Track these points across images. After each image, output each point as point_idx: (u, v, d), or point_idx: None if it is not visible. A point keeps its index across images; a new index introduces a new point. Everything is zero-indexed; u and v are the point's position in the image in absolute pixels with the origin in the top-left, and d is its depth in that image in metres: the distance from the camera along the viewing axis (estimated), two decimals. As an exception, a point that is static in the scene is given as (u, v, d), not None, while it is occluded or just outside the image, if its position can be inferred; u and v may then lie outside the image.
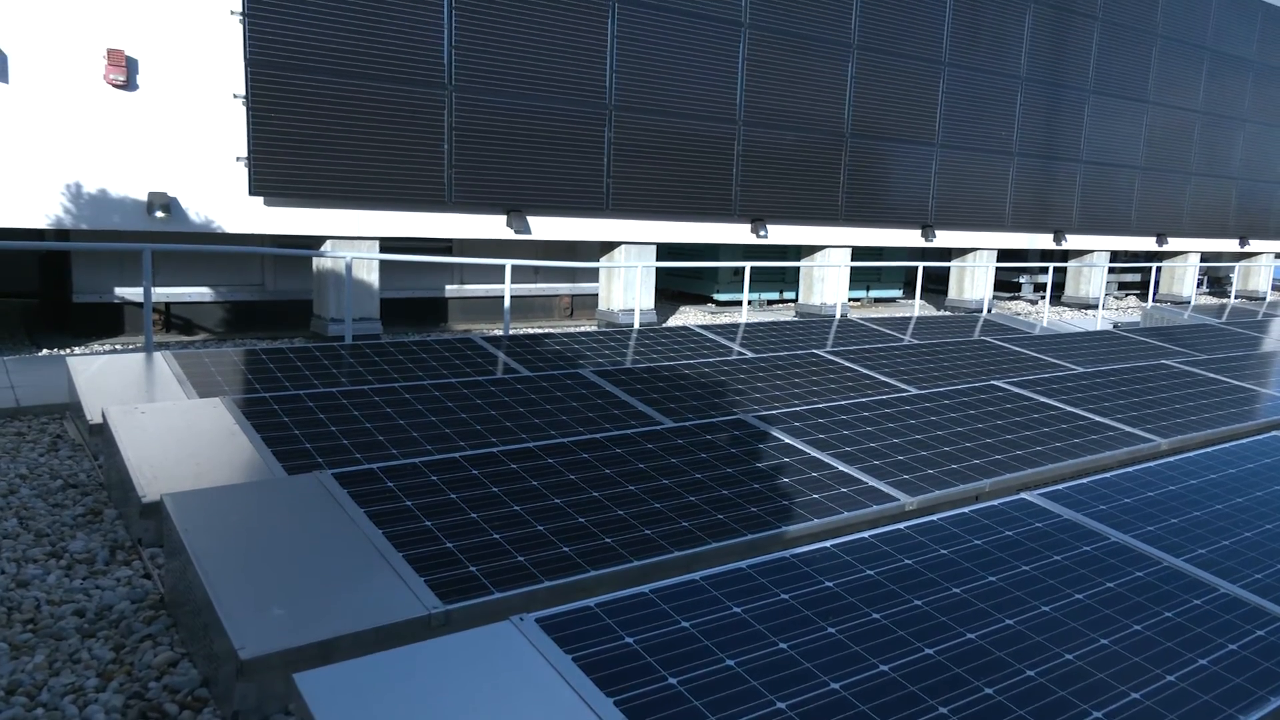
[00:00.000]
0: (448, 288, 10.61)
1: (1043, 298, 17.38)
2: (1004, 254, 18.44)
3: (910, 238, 13.55)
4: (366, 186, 8.95)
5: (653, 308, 11.28)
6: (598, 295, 11.59)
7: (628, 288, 11.05)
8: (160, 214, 8.01)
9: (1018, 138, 14.45)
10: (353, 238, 9.11)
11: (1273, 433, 4.62)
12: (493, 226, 9.87)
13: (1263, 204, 19.23)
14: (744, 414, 4.70)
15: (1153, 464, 3.95)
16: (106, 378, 5.23)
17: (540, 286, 11.38)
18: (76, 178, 7.76)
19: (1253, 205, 18.96)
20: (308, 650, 2.44)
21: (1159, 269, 18.62)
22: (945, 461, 4.39)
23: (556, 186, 10.11)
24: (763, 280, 14.21)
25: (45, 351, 7.73)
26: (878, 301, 15.69)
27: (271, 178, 8.45)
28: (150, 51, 7.91)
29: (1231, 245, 18.92)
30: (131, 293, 8.73)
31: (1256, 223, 19.18)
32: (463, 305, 10.82)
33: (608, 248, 11.14)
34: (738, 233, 11.75)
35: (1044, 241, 15.38)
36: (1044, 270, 17.46)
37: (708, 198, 11.30)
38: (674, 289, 15.07)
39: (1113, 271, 18.32)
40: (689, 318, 12.34)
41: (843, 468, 4.14)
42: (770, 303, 14.53)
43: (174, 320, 9.13)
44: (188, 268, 9.08)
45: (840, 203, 12.53)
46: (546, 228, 10.23)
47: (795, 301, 14.21)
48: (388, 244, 10.10)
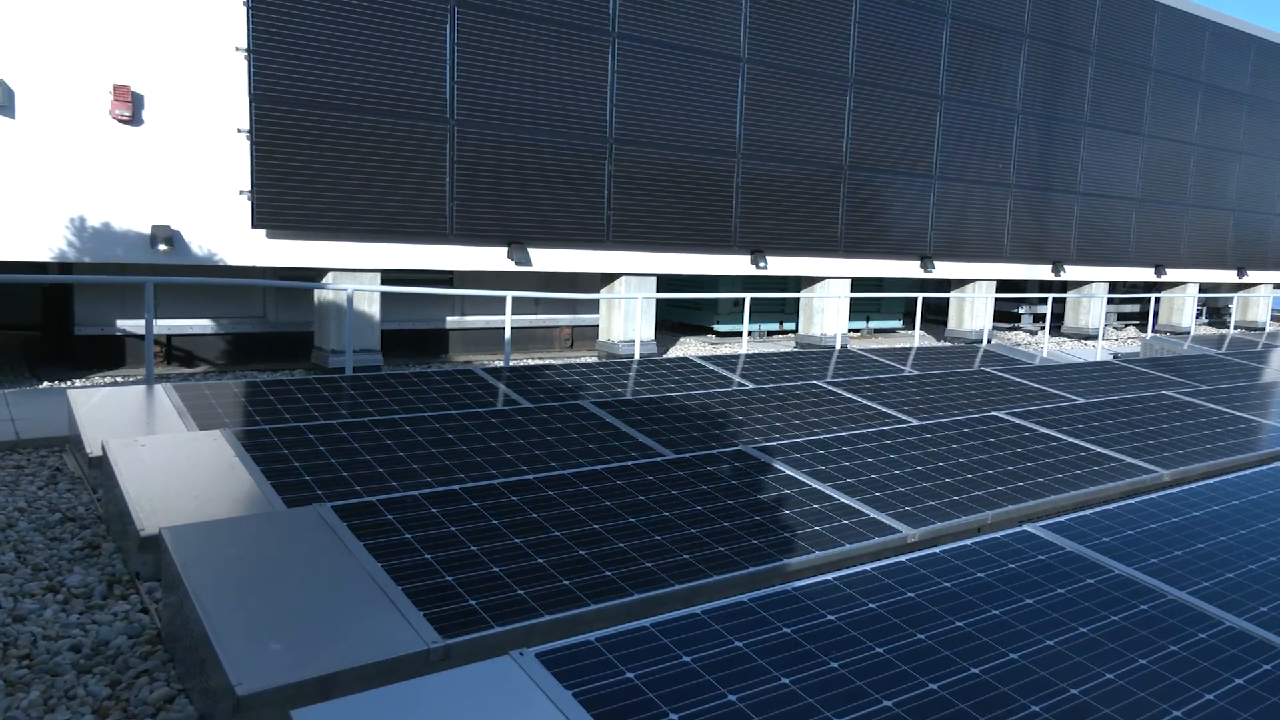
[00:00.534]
0: (448, 319, 10.64)
1: (1042, 328, 17.41)
2: (1003, 285, 18.52)
3: (909, 269, 13.61)
4: (368, 219, 9.00)
5: (653, 339, 11.30)
6: (598, 326, 11.62)
7: (628, 319, 11.08)
8: (163, 247, 8.06)
9: (1015, 170, 14.56)
10: (354, 269, 9.15)
11: (1275, 464, 4.60)
12: (494, 258, 9.92)
13: (1259, 235, 19.34)
14: (745, 445, 4.69)
15: (1155, 495, 3.94)
16: (107, 410, 5.23)
17: (541, 318, 11.41)
18: (81, 211, 7.82)
19: (1249, 236, 19.07)
20: (306, 686, 2.42)
21: (1158, 299, 18.68)
22: (947, 493, 4.37)
23: (557, 219, 10.17)
24: (763, 311, 14.25)
25: (46, 384, 7.73)
26: (878, 332, 15.72)
27: (274, 211, 8.50)
28: (156, 87, 8.01)
29: (1230, 276, 19.00)
30: (133, 325, 8.75)
31: (1254, 254, 19.27)
32: (463, 337, 10.84)
33: (608, 279, 11.18)
34: (737, 264, 11.81)
35: (1043, 272, 15.44)
36: (1043, 301, 17.52)
37: (707, 229, 11.37)
38: (674, 320, 15.11)
39: (1112, 302, 18.37)
40: (689, 349, 12.35)
41: (844, 499, 4.12)
42: (770, 334, 14.56)
43: (175, 352, 9.15)
44: (189, 300, 9.12)
45: (839, 234, 12.60)
46: (547, 259, 10.28)
47: (795, 332, 14.24)
48: (389, 276, 10.14)
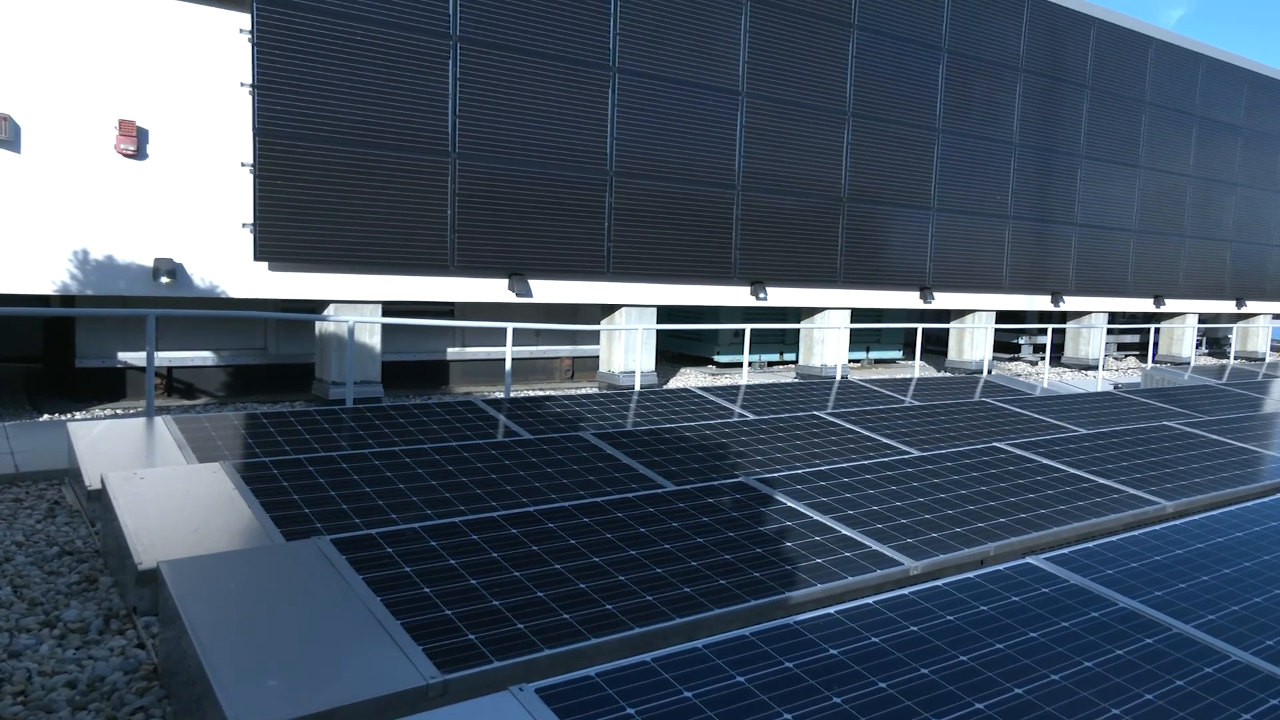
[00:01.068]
0: (449, 350, 10.66)
1: (1042, 358, 17.42)
2: (1002, 315, 18.55)
3: (909, 299, 13.65)
4: (370, 251, 9.05)
5: (653, 369, 11.30)
6: (599, 357, 11.63)
7: (628, 350, 11.09)
8: (165, 279, 8.09)
9: (1013, 201, 14.65)
10: (356, 301, 9.18)
11: (1279, 495, 4.58)
12: (495, 290, 9.95)
13: (1257, 266, 19.41)
14: (745, 477, 4.68)
15: (1158, 527, 3.92)
16: (106, 443, 5.22)
17: (541, 349, 11.42)
18: (84, 244, 7.86)
19: (1248, 267, 19.14)
20: (303, 722, 2.39)
21: (1157, 330, 18.71)
22: (949, 525, 4.35)
23: (558, 250, 10.22)
24: (763, 342, 14.27)
25: (46, 416, 7.72)
26: (878, 362, 15.72)
27: (276, 243, 8.55)
28: (161, 122, 8.09)
29: (1229, 306, 19.04)
30: (134, 357, 8.76)
31: (1252, 284, 19.34)
32: (464, 368, 10.85)
33: (609, 310, 11.21)
34: (737, 295, 11.84)
35: (1042, 303, 15.48)
36: (1043, 331, 17.54)
37: (708, 261, 11.42)
38: (674, 351, 15.12)
39: (1111, 333, 18.40)
40: (690, 379, 12.35)
41: (846, 531, 4.10)
42: (770, 364, 14.56)
43: (176, 384, 9.15)
44: (190, 332, 9.14)
45: (839, 265, 12.65)
46: (548, 291, 10.32)
47: (795, 363, 14.25)
48: (390, 307, 10.17)
